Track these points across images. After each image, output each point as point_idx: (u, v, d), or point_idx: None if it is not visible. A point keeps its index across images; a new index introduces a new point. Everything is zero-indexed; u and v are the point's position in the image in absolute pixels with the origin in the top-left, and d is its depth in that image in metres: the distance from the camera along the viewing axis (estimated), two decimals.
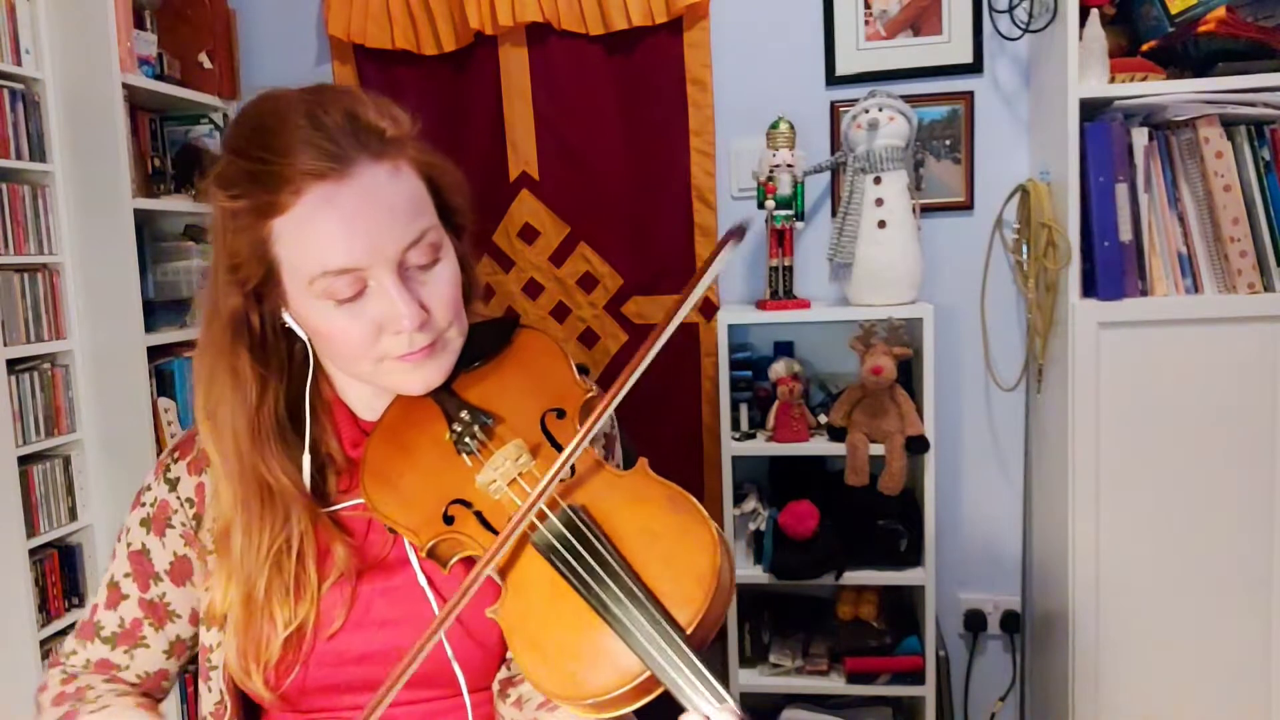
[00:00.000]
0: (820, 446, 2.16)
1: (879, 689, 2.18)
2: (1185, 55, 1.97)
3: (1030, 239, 2.11)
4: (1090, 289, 1.98)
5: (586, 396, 0.86)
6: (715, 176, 2.39)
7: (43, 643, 2.04)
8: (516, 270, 2.51)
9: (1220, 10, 1.87)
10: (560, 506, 0.78)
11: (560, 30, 2.35)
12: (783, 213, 2.14)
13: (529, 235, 2.49)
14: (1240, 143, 1.90)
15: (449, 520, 0.83)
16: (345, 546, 0.89)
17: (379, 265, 0.80)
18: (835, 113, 2.33)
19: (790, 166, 2.13)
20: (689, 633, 0.71)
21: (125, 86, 2.14)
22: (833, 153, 2.32)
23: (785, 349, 2.38)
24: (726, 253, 0.75)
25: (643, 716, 0.75)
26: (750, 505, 2.23)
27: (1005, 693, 2.43)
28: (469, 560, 0.82)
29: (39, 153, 2.08)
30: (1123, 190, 1.92)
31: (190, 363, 0.95)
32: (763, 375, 2.28)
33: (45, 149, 2.09)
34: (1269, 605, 1.94)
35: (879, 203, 2.06)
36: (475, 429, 0.85)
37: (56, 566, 2.11)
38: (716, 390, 2.30)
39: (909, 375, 2.15)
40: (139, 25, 2.27)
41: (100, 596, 0.96)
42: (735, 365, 2.25)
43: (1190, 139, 1.91)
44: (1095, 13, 1.95)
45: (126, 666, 0.95)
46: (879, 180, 2.06)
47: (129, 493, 1.01)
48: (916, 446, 2.05)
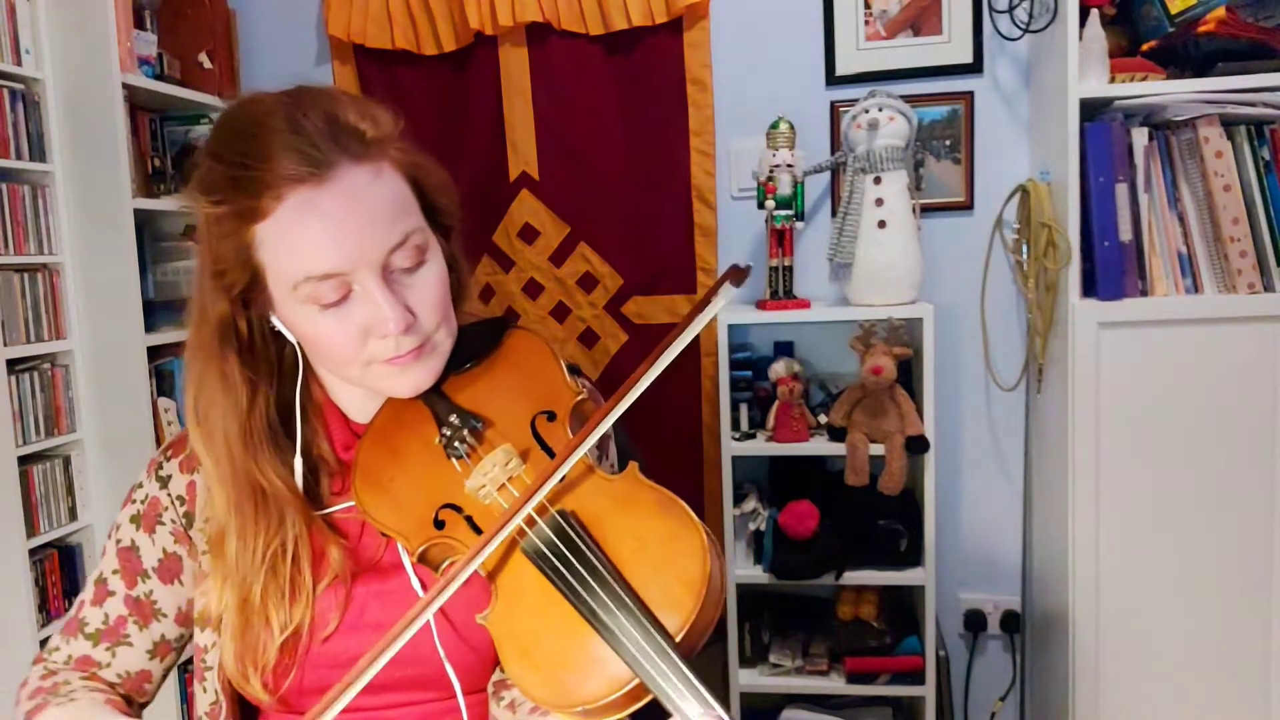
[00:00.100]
0: (820, 446, 2.16)
1: (879, 689, 2.18)
2: (1185, 55, 1.96)
3: (1030, 239, 2.10)
4: (1090, 289, 1.97)
5: (577, 398, 0.86)
6: (715, 176, 2.39)
7: (43, 643, 2.04)
8: (516, 270, 2.51)
9: (1220, 10, 1.87)
10: (549, 512, 0.78)
11: (560, 30, 2.35)
12: (783, 213, 2.14)
13: (529, 235, 2.49)
14: (1240, 143, 1.89)
15: (440, 525, 0.82)
16: (339, 549, 0.88)
17: (363, 269, 0.79)
18: (835, 113, 2.33)
19: (790, 166, 2.13)
20: (678, 640, 0.70)
21: (125, 86, 2.13)
22: (833, 153, 2.32)
23: (785, 349, 2.38)
24: (723, 295, 0.74)
25: (638, 718, 0.75)
26: (750, 505, 2.23)
27: (1005, 693, 2.43)
28: None
29: (39, 153, 2.08)
30: (1123, 190, 1.92)
31: None
32: (763, 375, 2.28)
33: (45, 149, 2.09)
34: (1269, 605, 1.94)
35: (879, 203, 2.06)
36: (464, 433, 0.85)
37: (56, 566, 2.11)
38: (716, 390, 2.30)
39: (909, 375, 2.15)
40: (139, 25, 2.27)
41: (87, 593, 0.95)
42: (735, 365, 2.25)
43: (1190, 139, 1.91)
44: (1095, 13, 1.94)
45: (107, 664, 0.94)
46: (879, 180, 2.06)
47: None
48: (916, 446, 2.05)
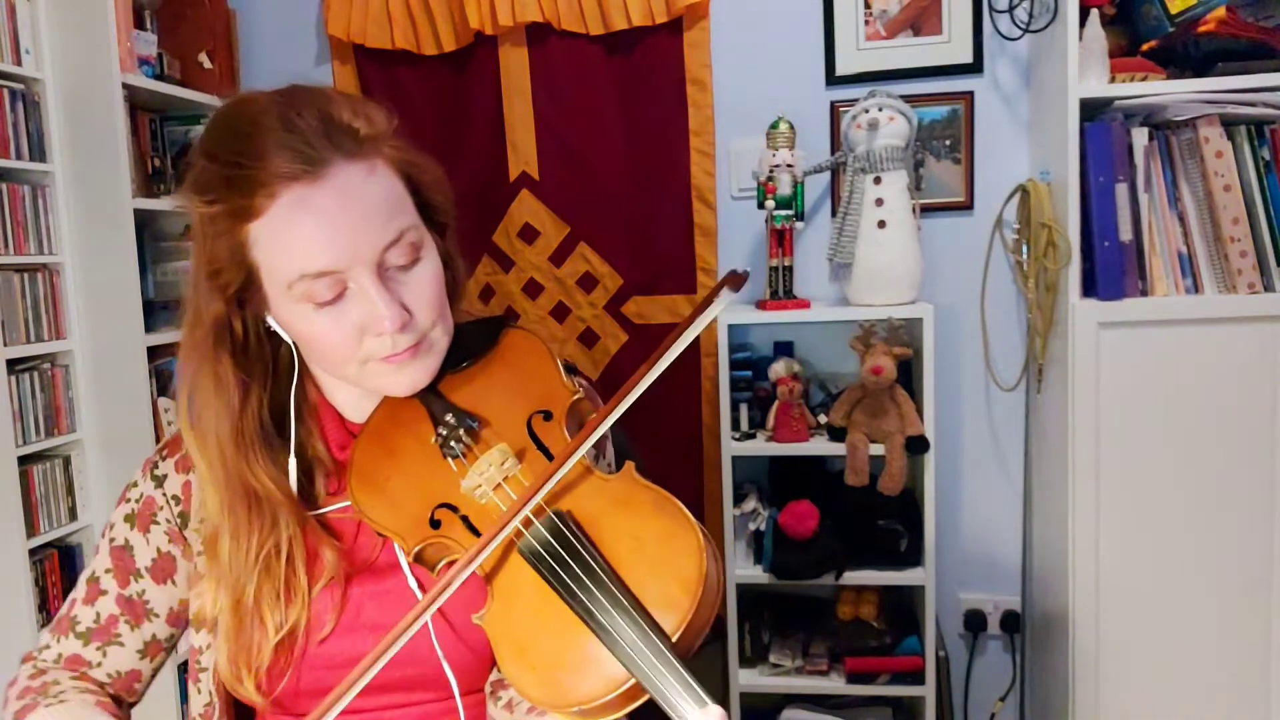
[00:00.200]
0: (820, 446, 2.16)
1: (879, 689, 2.18)
2: (1185, 55, 1.96)
3: (1030, 239, 2.10)
4: (1090, 289, 1.97)
5: (574, 398, 0.85)
6: (715, 176, 2.39)
7: None
8: (516, 270, 2.51)
9: (1220, 10, 1.87)
10: (546, 513, 0.78)
11: (560, 30, 2.35)
12: (783, 213, 2.14)
13: (529, 235, 2.49)
14: (1240, 143, 1.89)
15: (435, 524, 0.82)
16: (334, 550, 0.88)
17: (358, 267, 0.79)
18: (835, 113, 2.33)
19: (790, 166, 2.13)
20: (674, 640, 0.70)
21: (125, 86, 2.13)
22: (833, 153, 2.32)
23: (785, 349, 2.38)
24: (722, 299, 0.74)
25: (634, 718, 0.75)
26: (750, 505, 2.23)
27: (1005, 693, 2.43)
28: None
29: (39, 153, 2.08)
30: (1123, 190, 1.92)
31: None
32: (763, 375, 2.28)
33: (45, 149, 2.09)
34: (1269, 605, 1.93)
35: (879, 203, 2.06)
36: (460, 432, 0.84)
37: (56, 566, 2.11)
38: (716, 390, 2.30)
39: (909, 375, 2.15)
40: (139, 25, 2.27)
41: (79, 591, 0.95)
42: (735, 365, 2.25)
43: (1190, 139, 1.91)
44: (1095, 13, 1.94)
45: (98, 664, 0.93)
46: (879, 180, 2.06)
47: None
48: (916, 446, 2.05)
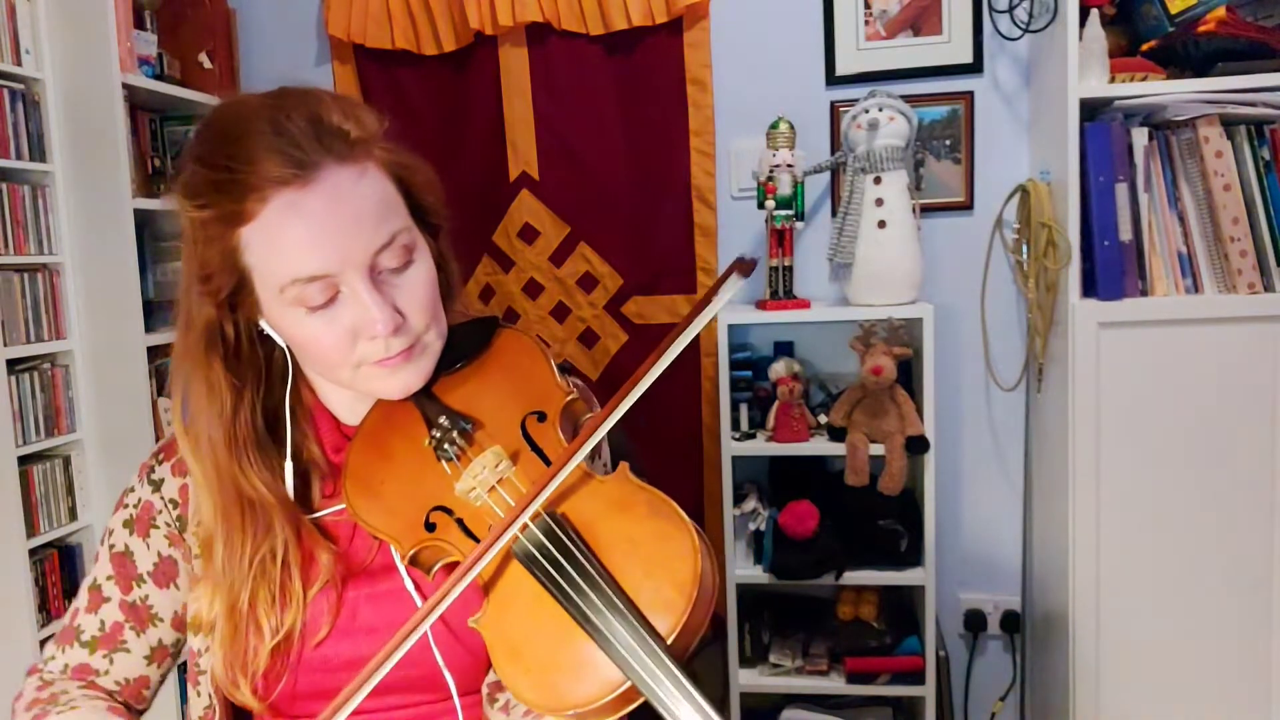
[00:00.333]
0: (820, 446, 2.16)
1: (879, 689, 2.18)
2: (1185, 55, 1.96)
3: (1030, 239, 2.10)
4: (1090, 289, 1.97)
5: (567, 399, 0.85)
6: (715, 176, 2.39)
7: (42, 643, 2.04)
8: (516, 270, 2.51)
9: (1220, 10, 1.87)
10: (541, 515, 0.78)
11: (560, 30, 2.35)
12: (783, 213, 2.14)
13: (529, 235, 2.48)
14: (1240, 143, 1.89)
15: (431, 527, 0.82)
16: (330, 553, 0.88)
17: (350, 270, 0.78)
18: (835, 113, 2.33)
19: (790, 166, 2.13)
20: (669, 642, 0.70)
21: (125, 86, 2.13)
22: (833, 153, 2.32)
23: (785, 349, 2.38)
24: (730, 286, 0.74)
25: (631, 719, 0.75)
26: (750, 505, 2.22)
27: (1005, 693, 2.43)
28: (452, 567, 0.81)
29: (39, 153, 2.08)
30: (1123, 190, 1.92)
31: None
32: (763, 375, 2.28)
33: (45, 149, 2.09)
34: (1269, 605, 1.93)
35: (879, 203, 2.06)
36: (454, 435, 0.84)
37: (56, 566, 2.11)
38: (716, 390, 2.30)
39: (909, 375, 2.15)
40: (139, 25, 2.27)
41: (81, 600, 0.94)
42: (735, 365, 2.25)
43: (1190, 139, 1.91)
44: (1095, 13, 1.94)
45: (105, 672, 0.92)
46: (879, 180, 2.06)
47: None
48: (916, 446, 2.05)
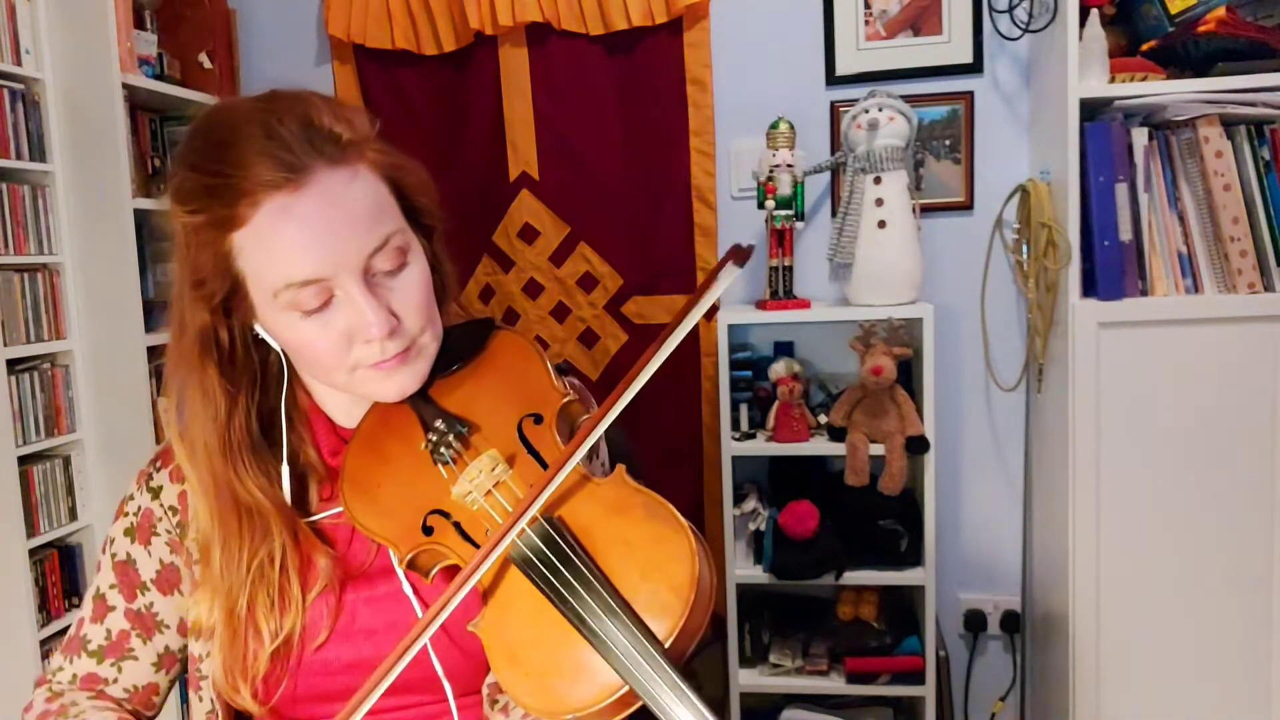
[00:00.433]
0: (820, 446, 2.16)
1: (879, 689, 2.18)
2: (1185, 55, 1.96)
3: (1030, 239, 2.10)
4: (1090, 289, 1.97)
5: (564, 400, 0.85)
6: (715, 176, 2.39)
7: (43, 643, 2.04)
8: (516, 270, 2.51)
9: (1220, 10, 1.87)
10: (537, 519, 0.77)
11: (560, 30, 2.35)
12: (783, 213, 2.14)
13: (529, 235, 2.49)
14: (1240, 142, 1.90)
15: (428, 531, 0.82)
16: (328, 557, 0.88)
17: (343, 274, 0.78)
18: (835, 113, 2.33)
19: (790, 166, 2.13)
20: (667, 646, 0.70)
21: (125, 86, 2.14)
22: (833, 153, 2.32)
23: (785, 349, 2.38)
24: (726, 275, 0.73)
25: None
26: (750, 505, 2.22)
27: (1005, 693, 2.43)
28: (450, 570, 0.81)
29: (39, 153, 2.08)
30: (1123, 190, 1.92)
31: None
32: (763, 375, 2.28)
33: (45, 149, 2.09)
34: (1269, 605, 1.93)
35: (879, 203, 2.06)
36: (450, 438, 0.84)
37: (56, 566, 2.11)
38: (716, 390, 2.30)
39: (909, 375, 2.15)
40: (139, 25, 2.27)
41: (86, 610, 0.94)
42: (735, 365, 2.25)
43: (1190, 139, 1.91)
44: (1095, 13, 1.94)
45: (114, 680, 0.92)
46: (879, 180, 2.06)
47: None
48: (916, 446, 2.05)
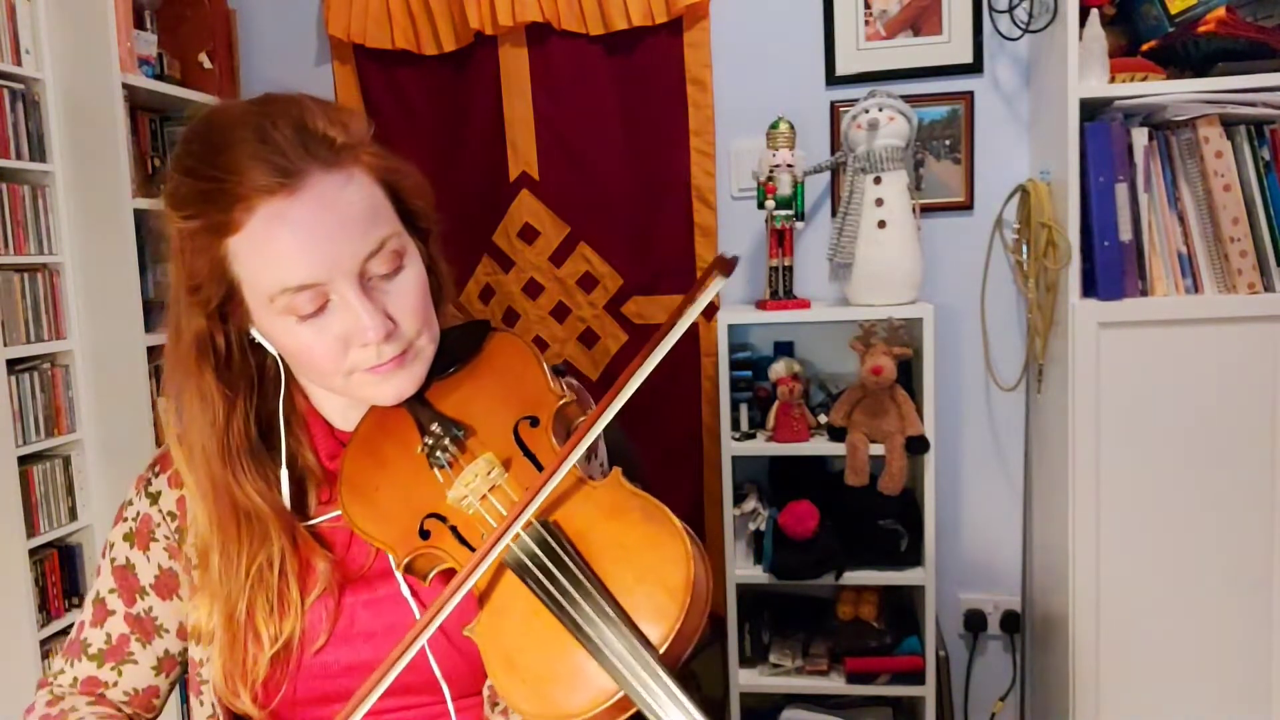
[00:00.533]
0: (820, 446, 2.16)
1: (879, 689, 2.18)
2: (1185, 55, 1.96)
3: (1030, 239, 2.11)
4: (1090, 289, 1.97)
5: (560, 403, 0.84)
6: (715, 176, 2.39)
7: (43, 643, 2.04)
8: (516, 270, 2.51)
9: (1220, 10, 1.87)
10: (532, 524, 0.77)
11: (560, 30, 2.35)
12: (783, 213, 2.14)
13: (529, 235, 2.49)
14: (1240, 143, 1.90)
15: (425, 535, 0.82)
16: (327, 561, 0.88)
17: (339, 278, 0.77)
18: (835, 113, 2.33)
19: (790, 166, 2.13)
20: (662, 651, 0.70)
21: (125, 86, 2.14)
22: (833, 153, 2.32)
23: (785, 349, 2.38)
24: (712, 288, 0.73)
25: None
26: (750, 505, 2.22)
27: (1005, 693, 2.43)
28: (448, 573, 0.81)
29: (39, 153, 2.08)
30: (1123, 190, 1.92)
31: None
32: (763, 375, 2.28)
33: (45, 149, 2.09)
34: (1269, 606, 1.94)
35: (879, 203, 2.06)
36: (446, 441, 0.84)
37: (56, 566, 2.11)
38: (716, 390, 2.29)
39: (909, 375, 2.15)
40: (139, 25, 2.27)
41: (86, 614, 0.94)
42: (735, 365, 2.25)
43: (1190, 139, 1.91)
44: (1095, 13, 1.95)
45: (114, 684, 0.93)
46: (879, 180, 2.06)
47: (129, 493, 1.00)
48: (916, 446, 2.05)
